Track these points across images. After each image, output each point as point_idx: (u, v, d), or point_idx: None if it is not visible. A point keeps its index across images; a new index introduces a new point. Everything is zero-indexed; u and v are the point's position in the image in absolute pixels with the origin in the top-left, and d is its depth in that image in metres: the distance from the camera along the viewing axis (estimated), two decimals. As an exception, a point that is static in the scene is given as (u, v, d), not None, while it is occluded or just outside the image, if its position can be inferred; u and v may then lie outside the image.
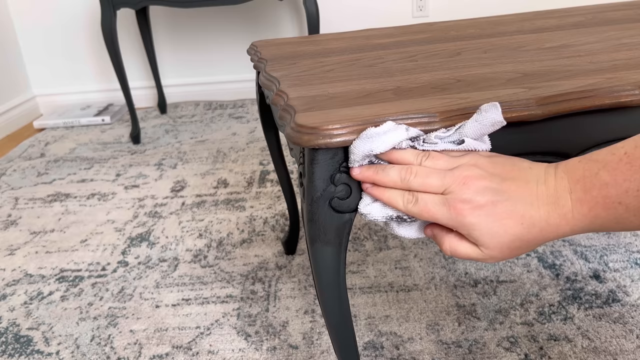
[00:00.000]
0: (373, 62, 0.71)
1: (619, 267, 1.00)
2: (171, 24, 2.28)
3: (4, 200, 1.51)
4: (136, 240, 1.23)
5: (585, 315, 0.89)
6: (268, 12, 2.26)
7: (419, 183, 0.47)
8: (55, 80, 2.36)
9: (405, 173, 0.47)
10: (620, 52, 0.66)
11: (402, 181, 0.47)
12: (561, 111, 0.52)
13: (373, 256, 1.09)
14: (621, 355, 0.80)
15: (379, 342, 0.86)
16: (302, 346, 0.87)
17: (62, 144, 1.95)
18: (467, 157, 0.47)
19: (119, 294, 1.04)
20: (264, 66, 0.75)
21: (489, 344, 0.84)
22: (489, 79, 0.60)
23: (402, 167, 0.48)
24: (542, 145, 0.55)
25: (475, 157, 0.47)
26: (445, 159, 0.47)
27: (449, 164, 0.47)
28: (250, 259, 1.13)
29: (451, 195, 0.45)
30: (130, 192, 1.49)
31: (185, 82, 2.36)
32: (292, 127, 0.52)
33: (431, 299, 0.95)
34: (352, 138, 0.49)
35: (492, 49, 0.73)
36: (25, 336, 0.95)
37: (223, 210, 1.34)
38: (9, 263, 1.19)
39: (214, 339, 0.90)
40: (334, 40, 0.87)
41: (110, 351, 0.90)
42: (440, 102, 0.53)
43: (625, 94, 0.53)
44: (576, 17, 0.89)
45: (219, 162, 1.66)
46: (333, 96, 0.58)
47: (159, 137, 1.95)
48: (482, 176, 0.45)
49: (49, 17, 2.25)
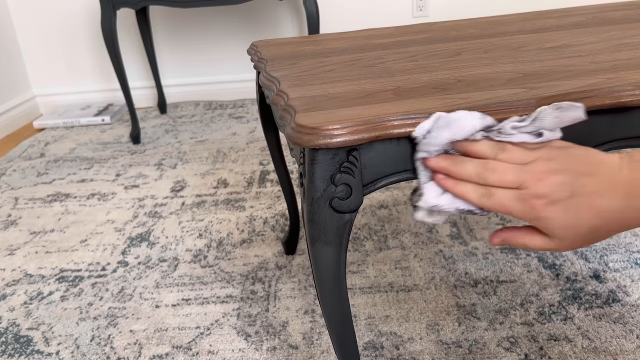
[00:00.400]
0: (373, 62, 0.71)
1: (619, 267, 1.00)
2: (171, 24, 2.28)
3: (4, 200, 1.51)
4: (136, 240, 1.23)
5: (585, 315, 0.89)
6: (268, 12, 2.26)
7: (495, 179, 0.47)
8: (55, 80, 2.36)
9: (483, 169, 0.47)
10: (620, 52, 0.66)
11: (478, 177, 0.47)
12: (562, 111, 0.52)
13: (373, 256, 1.09)
14: (621, 355, 0.80)
15: (379, 342, 0.86)
16: (302, 346, 0.87)
17: (62, 144, 1.95)
18: (542, 151, 0.47)
19: (119, 294, 1.04)
20: (264, 66, 0.74)
21: (489, 344, 0.84)
22: (489, 79, 0.60)
23: (479, 162, 0.48)
24: (543, 145, 0.54)
25: (551, 151, 0.47)
26: (520, 152, 0.47)
27: (524, 157, 0.47)
28: (250, 259, 1.12)
29: (527, 191, 0.45)
30: (130, 192, 1.49)
31: (185, 82, 2.36)
32: (292, 127, 0.52)
33: (431, 299, 0.95)
34: (353, 138, 0.49)
35: (493, 49, 0.73)
36: (25, 336, 0.95)
37: (223, 210, 1.34)
38: (9, 263, 1.19)
39: (214, 339, 0.90)
40: (334, 40, 0.87)
41: (110, 351, 0.90)
42: (441, 102, 0.53)
43: (626, 94, 0.53)
44: (576, 17, 0.89)
45: (219, 162, 1.66)
46: (333, 96, 0.58)
47: (159, 137, 1.95)
48: (558, 171, 0.45)
49: (49, 17, 2.25)
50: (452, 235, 1.14)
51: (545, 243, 0.47)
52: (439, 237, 1.14)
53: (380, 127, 0.50)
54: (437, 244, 1.12)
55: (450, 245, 1.11)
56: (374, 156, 0.52)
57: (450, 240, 1.13)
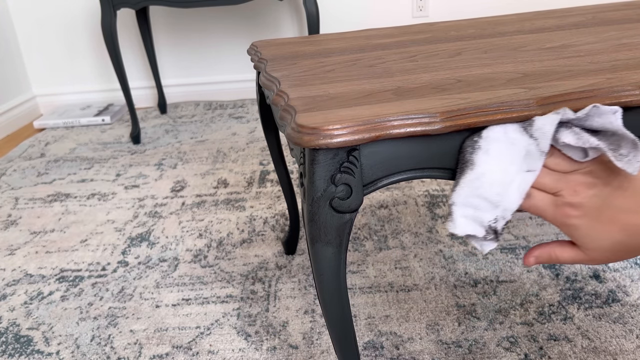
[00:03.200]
0: (373, 63, 0.71)
1: (619, 267, 1.00)
2: (171, 24, 2.28)
3: (4, 200, 1.51)
4: (136, 240, 1.23)
5: (585, 315, 0.89)
6: (268, 12, 2.26)
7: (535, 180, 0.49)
8: (55, 80, 2.36)
9: None
10: (620, 52, 0.66)
11: None
12: (561, 111, 0.52)
13: (373, 256, 1.09)
14: (621, 355, 0.80)
15: (379, 342, 0.87)
16: (302, 346, 0.87)
17: (62, 144, 1.95)
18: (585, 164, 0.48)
19: (119, 294, 1.04)
20: (264, 66, 0.75)
21: (489, 344, 0.84)
22: (489, 79, 0.60)
23: None
24: (543, 145, 0.55)
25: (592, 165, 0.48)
26: (566, 162, 0.49)
27: (567, 167, 0.49)
28: (250, 259, 1.13)
29: (560, 199, 0.48)
30: (130, 192, 1.49)
31: (185, 82, 2.36)
32: (292, 127, 0.52)
33: (431, 299, 0.95)
34: (353, 138, 0.49)
35: (493, 49, 0.73)
36: (25, 336, 0.95)
37: (223, 210, 1.34)
38: (9, 263, 1.19)
39: (214, 339, 0.90)
40: (334, 40, 0.87)
41: (110, 351, 0.90)
42: (441, 102, 0.53)
43: (626, 94, 0.53)
44: (576, 17, 0.89)
45: (219, 162, 1.66)
46: (333, 96, 0.58)
47: (159, 137, 1.95)
48: (594, 185, 0.47)
49: (49, 17, 2.26)
50: (452, 235, 1.14)
51: (576, 254, 0.49)
52: (439, 237, 1.14)
53: (380, 127, 0.50)
54: (437, 244, 1.12)
55: (450, 245, 1.11)
56: (374, 156, 0.52)
57: (450, 240, 1.13)
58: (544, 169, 0.50)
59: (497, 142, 0.50)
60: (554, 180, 0.49)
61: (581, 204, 0.47)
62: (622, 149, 0.46)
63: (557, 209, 0.48)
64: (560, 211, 0.48)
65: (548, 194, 0.49)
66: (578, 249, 0.49)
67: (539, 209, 0.50)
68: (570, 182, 0.48)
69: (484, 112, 0.51)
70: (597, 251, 0.48)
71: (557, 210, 0.48)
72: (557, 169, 0.49)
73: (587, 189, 0.47)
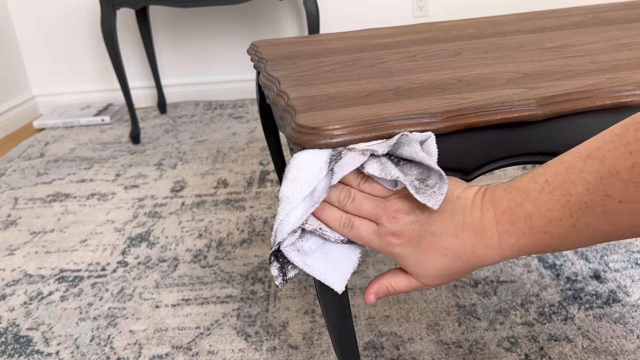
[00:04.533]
0: (373, 62, 0.71)
1: (620, 267, 1.00)
2: (171, 24, 2.28)
3: (4, 200, 1.51)
4: (136, 241, 1.23)
5: (585, 316, 0.89)
6: (268, 12, 2.26)
7: (353, 207, 0.47)
8: (55, 80, 2.36)
9: (344, 196, 0.48)
10: (620, 52, 0.66)
11: (339, 203, 0.48)
12: (562, 111, 0.52)
13: (373, 256, 1.09)
14: (621, 355, 0.80)
15: (379, 342, 0.86)
16: (302, 346, 0.87)
17: (61, 144, 1.95)
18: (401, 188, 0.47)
19: (118, 294, 1.04)
20: (264, 66, 0.74)
21: (489, 344, 0.84)
22: (489, 79, 0.60)
23: (342, 188, 0.48)
24: (543, 145, 0.54)
25: None
26: (382, 187, 0.48)
27: (384, 192, 0.47)
28: (250, 259, 1.12)
29: (381, 228, 0.46)
30: (130, 192, 1.49)
31: (185, 82, 2.36)
32: (292, 127, 0.52)
33: (431, 299, 0.95)
34: (353, 138, 0.49)
35: (493, 49, 0.73)
36: (25, 336, 0.95)
37: (223, 210, 1.34)
38: (8, 263, 1.19)
39: (214, 339, 0.90)
40: (334, 40, 0.87)
41: (110, 351, 0.89)
42: (441, 102, 0.53)
43: (626, 94, 0.53)
44: (576, 17, 0.89)
45: (218, 162, 1.65)
46: (333, 96, 0.58)
47: (158, 137, 1.95)
48: (412, 210, 0.45)
49: (49, 17, 2.25)
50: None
51: (410, 282, 0.48)
52: (439, 237, 1.14)
53: (380, 127, 0.49)
54: (437, 244, 1.11)
55: (450, 245, 1.11)
56: (374, 156, 0.52)
57: (450, 241, 1.13)
58: (362, 194, 0.47)
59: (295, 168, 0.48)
60: (372, 206, 0.47)
61: (401, 232, 0.45)
62: (430, 179, 0.45)
63: (381, 238, 0.46)
64: (384, 240, 0.46)
65: (371, 222, 0.47)
66: (410, 276, 0.48)
67: (363, 239, 0.47)
68: (388, 209, 0.46)
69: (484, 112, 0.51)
70: (426, 277, 0.46)
71: (381, 239, 0.46)
72: (374, 193, 0.47)
73: (405, 215, 0.45)
